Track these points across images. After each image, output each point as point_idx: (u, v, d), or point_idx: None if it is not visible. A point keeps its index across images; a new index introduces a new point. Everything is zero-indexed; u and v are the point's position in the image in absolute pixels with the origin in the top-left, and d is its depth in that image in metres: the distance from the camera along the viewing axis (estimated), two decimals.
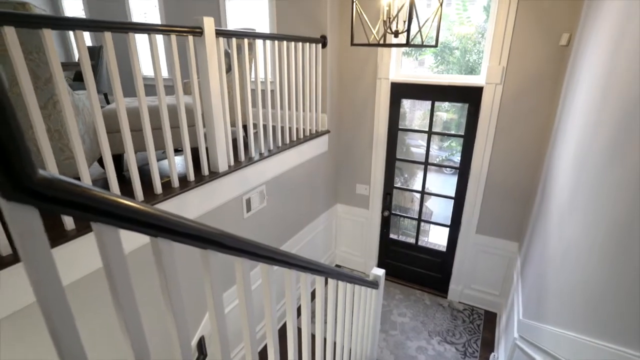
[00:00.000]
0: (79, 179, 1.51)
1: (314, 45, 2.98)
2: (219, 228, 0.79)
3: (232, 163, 2.32)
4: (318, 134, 3.26)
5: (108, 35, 1.52)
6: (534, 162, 2.92)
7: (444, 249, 3.66)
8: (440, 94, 3.18)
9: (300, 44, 2.77)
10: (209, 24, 1.93)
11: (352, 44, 2.02)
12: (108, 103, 3.99)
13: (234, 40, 2.14)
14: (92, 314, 1.48)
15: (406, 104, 3.58)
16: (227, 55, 2.52)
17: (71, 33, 1.51)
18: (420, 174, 3.66)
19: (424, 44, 1.89)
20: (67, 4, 5.39)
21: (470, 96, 3.05)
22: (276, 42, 2.54)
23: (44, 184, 0.43)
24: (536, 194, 2.71)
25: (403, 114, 3.48)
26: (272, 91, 3.23)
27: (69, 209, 0.48)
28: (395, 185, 3.70)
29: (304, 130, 3.08)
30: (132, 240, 1.05)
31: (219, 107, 2.12)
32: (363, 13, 1.93)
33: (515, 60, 2.79)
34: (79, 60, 1.46)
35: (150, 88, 1.83)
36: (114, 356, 1.28)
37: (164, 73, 3.61)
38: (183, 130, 1.97)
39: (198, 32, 1.91)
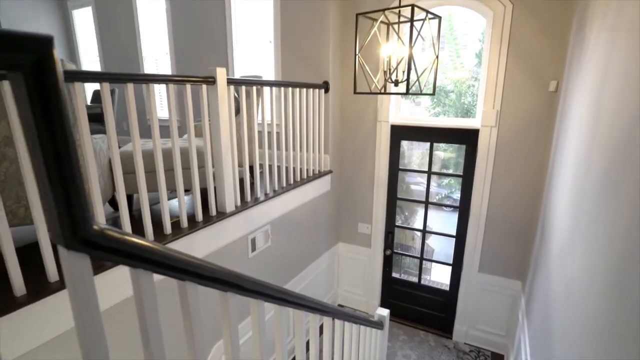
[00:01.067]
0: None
1: (317, 90, 3.15)
2: (225, 268, 0.85)
3: (238, 203, 2.38)
4: (321, 174, 3.36)
5: (130, 86, 1.64)
6: (532, 200, 2.99)
7: (447, 288, 3.64)
8: (438, 135, 3.32)
9: (304, 89, 2.94)
10: (221, 74, 2.08)
11: (355, 93, 2.15)
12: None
13: (243, 87, 2.29)
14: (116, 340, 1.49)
15: (405, 143, 3.72)
16: (236, 99, 2.67)
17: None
18: (420, 212, 3.72)
19: (423, 92, 2.03)
20: (83, 49, 5.70)
21: (467, 138, 3.18)
22: (282, 88, 2.70)
23: (98, 234, 0.50)
24: (536, 232, 2.76)
25: (403, 153, 3.60)
26: (278, 133, 3.37)
27: (116, 257, 0.54)
28: (396, 224, 3.75)
29: (307, 170, 3.18)
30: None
31: (228, 149, 2.22)
32: (365, 64, 2.08)
33: (509, 105, 2.95)
34: (91, 104, 1.56)
35: (162, 129, 1.93)
36: None
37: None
38: (194, 171, 2.05)
39: (211, 81, 2.05)
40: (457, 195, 5.56)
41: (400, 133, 3.45)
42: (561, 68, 2.67)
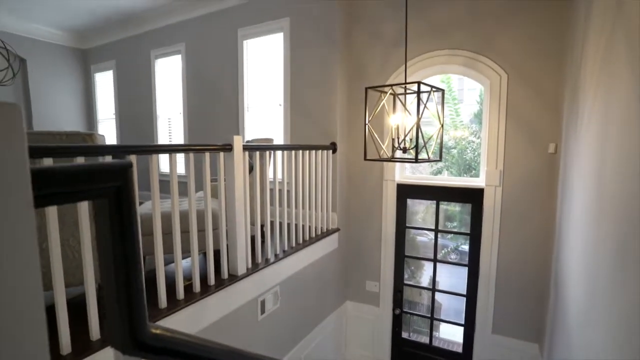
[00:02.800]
0: None
1: (325, 151, 3.29)
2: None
3: (250, 265, 2.39)
4: (329, 232, 3.39)
5: (155, 157, 1.74)
6: (542, 260, 2.98)
7: (460, 349, 3.50)
8: (444, 194, 3.39)
9: (313, 151, 3.07)
10: (237, 142, 2.20)
11: (366, 159, 2.26)
12: None
13: (257, 152, 2.40)
14: None
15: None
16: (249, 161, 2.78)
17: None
18: (427, 265, 3.69)
19: (430, 158, 2.13)
20: (100, 106, 6.00)
21: (472, 196, 3.25)
22: (293, 151, 2.82)
23: (154, 337, 0.53)
24: (549, 293, 2.72)
25: (409, 206, 3.65)
26: (288, 191, 3.45)
27: (170, 357, 0.57)
28: (405, 282, 3.69)
29: (316, 228, 3.21)
30: None
31: (242, 212, 2.28)
32: (374, 132, 2.21)
33: (511, 165, 3.05)
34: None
35: (166, 184, 1.96)
36: None
37: (181, 169, 3.85)
38: (208, 234, 2.09)
39: (228, 148, 2.16)
40: (463, 247, 5.52)
41: (407, 191, 3.53)
42: (558, 132, 2.81)
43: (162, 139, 5.09)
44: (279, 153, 2.74)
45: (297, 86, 3.71)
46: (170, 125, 5.01)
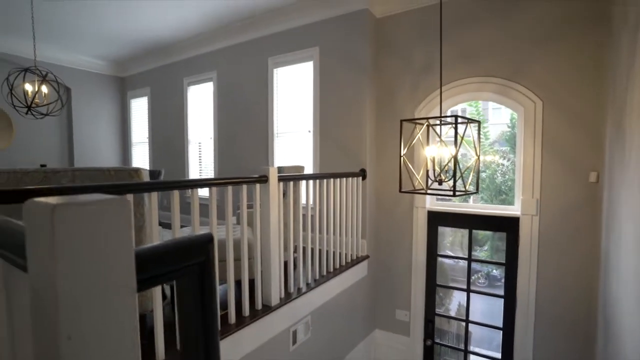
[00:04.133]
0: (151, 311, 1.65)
1: (355, 178, 3.29)
2: None
3: (282, 295, 2.39)
4: (358, 260, 3.35)
5: (195, 191, 1.79)
6: (587, 291, 2.83)
7: None
8: (477, 222, 3.30)
9: (343, 179, 3.08)
10: (273, 173, 2.23)
11: (401, 191, 2.24)
12: None
13: (291, 182, 2.44)
14: None
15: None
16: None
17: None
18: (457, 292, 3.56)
19: (468, 191, 2.09)
20: (135, 130, 6.26)
21: (507, 225, 3.15)
22: (325, 180, 2.84)
23: None
24: (596, 330, 2.57)
25: (440, 233, 3.57)
26: (318, 218, 3.46)
27: None
28: (437, 312, 3.58)
29: (346, 255, 3.19)
30: None
31: (277, 241, 2.30)
32: (408, 163, 2.20)
33: (549, 194, 2.95)
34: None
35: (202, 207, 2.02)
36: None
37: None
38: (244, 263, 2.11)
39: (264, 179, 2.20)
40: (495, 272, 5.31)
41: (438, 219, 3.46)
42: (600, 160, 2.71)
43: (193, 163, 5.24)
44: (311, 181, 2.77)
45: (326, 113, 3.76)
46: (200, 149, 5.16)
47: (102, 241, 0.37)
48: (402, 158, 2.15)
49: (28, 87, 3.34)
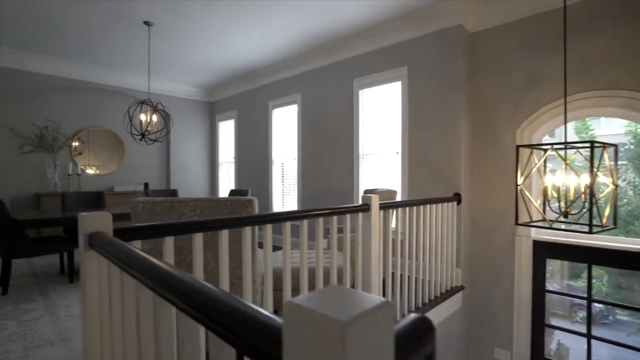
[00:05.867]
0: None
1: (449, 203, 3.09)
2: None
3: None
4: (453, 291, 3.12)
5: (305, 223, 1.79)
6: None
7: None
8: (599, 257, 2.87)
9: (435, 205, 2.91)
10: (375, 201, 2.17)
11: (517, 224, 2.03)
12: None
13: (390, 210, 2.35)
14: None
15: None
16: None
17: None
18: (558, 322, 3.11)
19: (605, 226, 1.81)
20: (222, 150, 6.70)
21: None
22: (422, 207, 2.71)
23: None
24: None
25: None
26: (409, 244, 3.32)
27: None
28: (547, 358, 3.16)
29: (440, 284, 2.99)
30: None
31: (377, 270, 2.21)
32: (525, 192, 1.98)
33: None
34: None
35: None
36: None
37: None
38: None
39: (366, 208, 2.14)
40: (621, 316, 4.55)
41: (546, 250, 3.09)
42: None
43: (276, 182, 5.42)
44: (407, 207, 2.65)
45: (415, 134, 3.63)
46: (283, 169, 5.32)
47: (377, 346, 0.34)
48: (518, 187, 1.95)
49: (142, 117, 3.75)
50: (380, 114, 4.01)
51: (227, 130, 6.52)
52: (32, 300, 2.99)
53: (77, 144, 5.36)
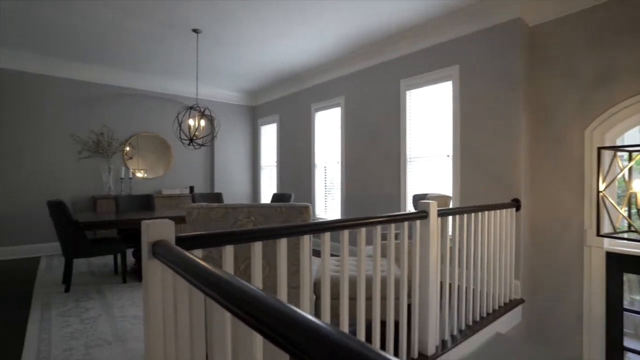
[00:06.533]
0: None
1: (507, 209, 2.88)
2: None
3: (437, 343, 2.13)
4: (512, 304, 2.89)
5: (363, 231, 1.70)
6: None
7: None
8: None
9: (492, 211, 2.71)
10: (433, 208, 2.04)
11: (599, 235, 1.82)
12: None
13: (449, 217, 2.20)
14: None
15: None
16: None
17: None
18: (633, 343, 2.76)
19: None
20: (264, 154, 6.77)
21: None
22: (480, 214, 2.53)
23: None
24: None
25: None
26: (465, 253, 3.13)
27: None
28: None
29: (498, 296, 2.78)
30: None
31: (435, 281, 2.08)
32: (608, 199, 1.77)
33: None
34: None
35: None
36: None
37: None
38: (403, 303, 1.94)
39: (423, 215, 2.01)
40: None
41: (622, 263, 2.78)
42: None
43: (318, 186, 5.37)
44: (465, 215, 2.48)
45: (468, 136, 3.44)
46: (326, 172, 5.26)
47: None
48: (600, 194, 1.74)
49: (191, 122, 3.84)
50: (429, 115, 3.84)
51: (269, 134, 6.58)
52: (90, 299, 3.12)
53: (128, 148, 5.61)
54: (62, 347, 2.27)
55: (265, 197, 6.71)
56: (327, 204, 5.23)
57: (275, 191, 6.39)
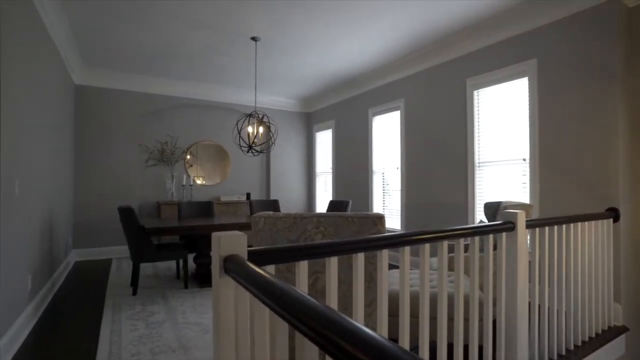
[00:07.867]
0: None
1: (602, 220, 2.48)
2: None
3: None
4: (611, 332, 2.48)
5: (427, 246, 1.50)
6: None
7: None
8: None
9: (584, 222, 2.34)
10: (521, 219, 1.78)
11: None
12: None
13: (537, 229, 1.91)
14: None
15: None
16: None
17: None
18: None
19: None
20: (319, 161, 6.71)
21: None
22: (572, 225, 2.19)
23: None
24: None
25: None
26: (557, 271, 2.77)
27: None
28: None
29: (595, 322, 2.39)
30: None
31: (525, 301, 1.81)
32: None
33: None
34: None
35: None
36: None
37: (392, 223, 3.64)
38: (487, 325, 1.69)
39: (510, 227, 1.76)
40: None
41: None
42: None
43: (377, 193, 5.17)
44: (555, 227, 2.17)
45: (548, 137, 3.06)
46: (384, 179, 5.05)
47: None
48: None
49: (250, 129, 3.86)
50: (500, 116, 3.50)
51: (324, 140, 6.51)
52: (155, 303, 3.20)
53: (189, 157, 5.83)
54: (130, 352, 2.31)
55: (320, 204, 6.63)
56: (386, 212, 5.01)
57: (330, 198, 6.28)
